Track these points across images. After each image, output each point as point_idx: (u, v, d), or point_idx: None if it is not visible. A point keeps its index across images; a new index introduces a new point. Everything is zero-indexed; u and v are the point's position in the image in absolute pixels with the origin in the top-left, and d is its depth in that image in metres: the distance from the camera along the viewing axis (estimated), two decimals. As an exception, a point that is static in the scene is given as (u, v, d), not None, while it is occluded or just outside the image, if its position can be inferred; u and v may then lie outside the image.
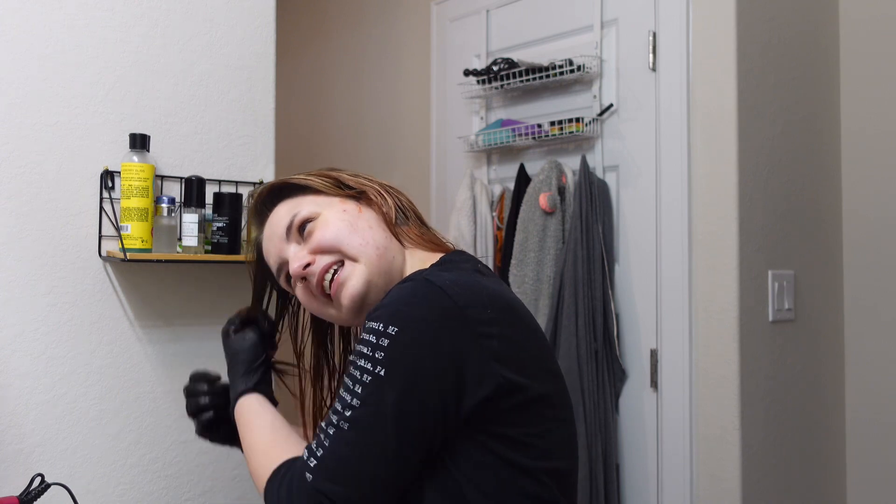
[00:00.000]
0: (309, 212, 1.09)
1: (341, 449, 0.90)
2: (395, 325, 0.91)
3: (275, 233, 1.12)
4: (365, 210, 1.11)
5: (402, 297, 0.94)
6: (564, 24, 2.28)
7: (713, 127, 1.92)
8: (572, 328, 2.02)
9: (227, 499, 1.73)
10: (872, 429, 2.11)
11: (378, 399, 0.90)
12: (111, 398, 1.59)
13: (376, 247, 1.07)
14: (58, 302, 1.53)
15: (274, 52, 1.82)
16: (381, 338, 0.91)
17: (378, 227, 1.09)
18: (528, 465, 0.96)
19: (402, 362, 0.90)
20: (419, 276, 0.98)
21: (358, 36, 3.08)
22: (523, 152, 2.36)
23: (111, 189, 1.57)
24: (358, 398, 0.90)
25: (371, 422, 0.90)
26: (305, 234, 1.09)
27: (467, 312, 0.92)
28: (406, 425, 0.90)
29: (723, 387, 1.88)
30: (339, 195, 1.12)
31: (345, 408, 0.91)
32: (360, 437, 0.90)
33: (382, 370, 0.90)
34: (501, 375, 0.92)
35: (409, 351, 0.90)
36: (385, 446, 0.90)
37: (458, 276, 0.98)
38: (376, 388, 0.90)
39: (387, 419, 0.89)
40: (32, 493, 1.25)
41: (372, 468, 0.90)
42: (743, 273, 1.88)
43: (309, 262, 1.06)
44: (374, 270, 1.06)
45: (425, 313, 0.92)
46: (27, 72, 1.51)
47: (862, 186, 2.15)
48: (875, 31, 2.14)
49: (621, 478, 2.08)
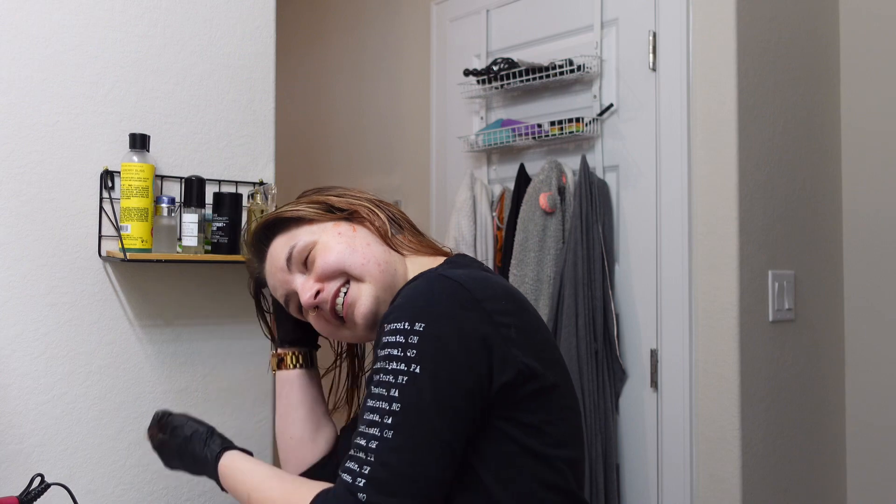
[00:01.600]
0: (305, 242, 1.12)
1: (390, 458, 0.88)
2: (420, 321, 0.92)
3: (276, 266, 1.14)
4: (359, 228, 1.13)
5: (420, 294, 0.96)
6: (564, 24, 2.28)
7: (713, 127, 1.92)
8: (572, 328, 2.02)
9: (228, 499, 1.72)
10: (872, 429, 2.11)
11: (417, 398, 0.90)
12: (111, 398, 1.59)
13: (377, 263, 1.09)
14: (58, 302, 1.53)
15: (274, 52, 1.82)
16: (410, 335, 0.92)
17: (375, 242, 1.12)
18: (545, 453, 0.98)
19: (436, 355, 0.91)
20: (431, 273, 1.00)
21: (358, 36, 3.08)
22: (523, 152, 2.36)
23: (111, 189, 1.57)
24: (396, 402, 0.90)
25: (415, 422, 0.89)
26: (308, 262, 1.11)
27: (484, 304, 0.95)
28: (450, 416, 0.90)
29: (723, 387, 1.88)
30: (332, 219, 1.15)
31: (383, 416, 0.90)
32: (407, 441, 0.89)
33: (417, 367, 0.90)
34: (521, 361, 0.95)
35: (441, 343, 0.92)
36: (433, 443, 0.89)
37: (469, 272, 1.01)
38: (413, 387, 0.90)
39: (431, 415, 0.89)
40: (32, 493, 1.24)
41: (425, 469, 0.89)
42: (743, 273, 1.88)
43: (318, 289, 1.09)
44: (379, 286, 1.09)
45: (447, 306, 0.94)
46: (27, 72, 1.51)
47: (862, 186, 2.15)
48: (875, 30, 2.14)
49: (621, 478, 2.08)
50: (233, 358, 1.74)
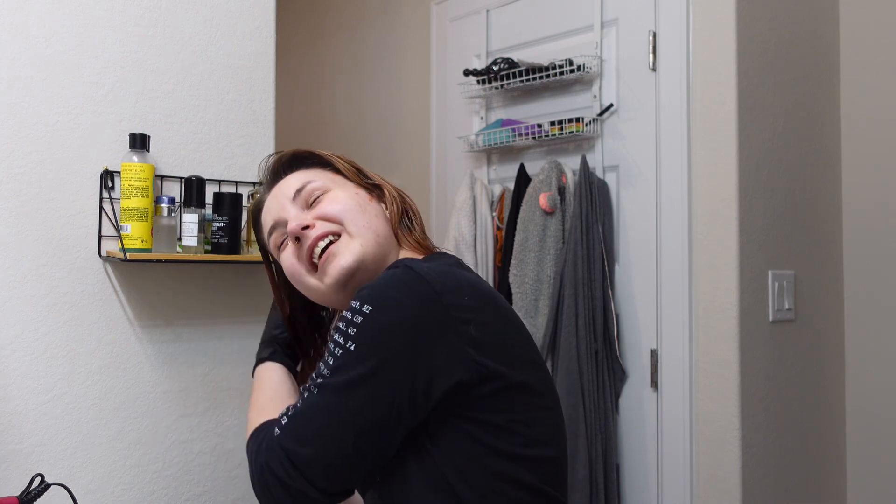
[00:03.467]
0: (322, 184, 1.12)
1: (309, 411, 0.93)
2: (370, 304, 0.93)
3: (282, 192, 1.13)
4: (375, 202, 1.14)
5: (383, 281, 0.97)
6: (564, 24, 2.28)
7: (713, 127, 1.92)
8: (572, 328, 2.02)
9: (227, 499, 1.73)
10: (872, 429, 2.11)
11: (347, 371, 0.92)
12: (111, 398, 1.59)
13: (376, 233, 1.10)
14: (58, 302, 1.53)
15: (274, 52, 1.82)
16: (356, 315, 0.93)
17: (384, 220, 1.12)
18: (515, 453, 0.97)
19: (373, 340, 0.92)
20: (399, 264, 1.00)
21: (358, 36, 3.08)
22: (523, 152, 2.36)
23: (111, 189, 1.57)
24: (328, 368, 0.93)
25: (338, 389, 0.92)
26: (313, 202, 1.11)
27: (444, 298, 0.94)
28: (372, 399, 0.91)
29: (723, 387, 1.88)
30: (356, 182, 1.16)
31: (318, 375, 0.94)
32: (326, 402, 0.92)
33: (353, 345, 0.92)
34: (476, 361, 0.94)
35: (382, 329, 0.93)
36: (348, 415, 0.91)
37: (438, 265, 1.01)
38: (346, 361, 0.92)
39: (354, 390, 0.91)
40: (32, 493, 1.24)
41: (334, 432, 0.91)
42: (743, 273, 1.88)
43: (308, 224, 1.08)
44: (368, 252, 1.08)
45: (402, 296, 0.94)
46: (27, 72, 1.51)
47: (862, 186, 2.15)
48: (875, 30, 2.14)
49: (621, 478, 2.08)
50: (233, 358, 1.74)
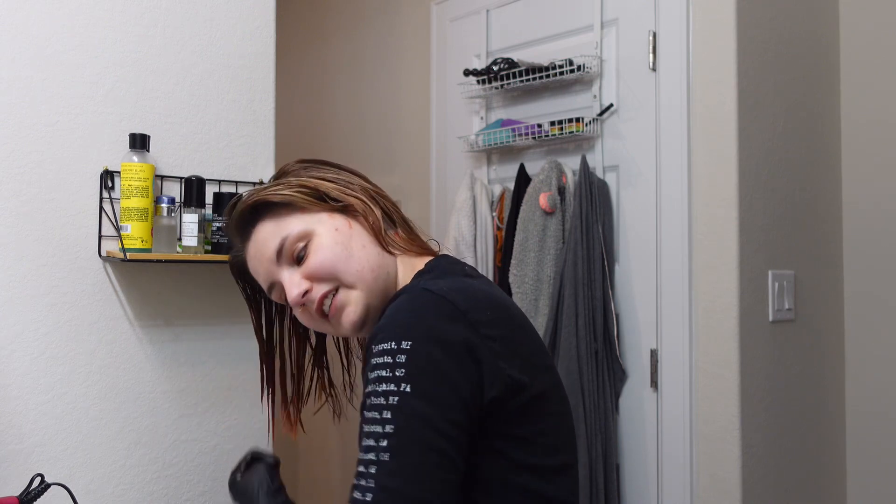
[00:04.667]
0: (299, 231, 1.05)
1: (390, 482, 0.86)
2: (407, 339, 0.90)
3: (263, 255, 1.08)
4: (354, 225, 1.07)
5: (404, 311, 0.93)
6: (564, 24, 2.28)
7: (713, 127, 1.92)
8: (572, 328, 2.02)
9: (227, 499, 1.73)
10: (873, 429, 2.11)
11: (410, 417, 0.87)
12: (111, 398, 1.59)
13: (371, 269, 1.05)
14: (58, 302, 1.53)
15: (274, 52, 1.82)
16: (398, 355, 0.89)
17: (370, 243, 1.07)
18: (538, 464, 0.96)
19: (425, 372, 0.88)
20: (414, 288, 0.97)
21: (358, 36, 3.08)
22: (523, 152, 2.36)
23: (111, 189, 1.57)
24: (389, 423, 0.87)
25: (409, 441, 0.86)
26: (298, 256, 1.06)
27: (469, 316, 0.92)
28: (446, 430, 0.88)
29: (723, 387, 1.88)
30: (325, 209, 1.07)
31: (378, 440, 0.87)
32: (404, 462, 0.86)
33: (408, 386, 0.88)
34: (508, 375, 0.93)
35: (430, 359, 0.89)
36: (430, 459, 0.87)
37: (452, 282, 0.98)
38: (405, 406, 0.87)
39: (426, 432, 0.87)
40: (32, 493, 1.24)
41: (425, 487, 0.86)
42: (743, 273, 1.88)
43: (307, 289, 1.05)
44: (371, 294, 1.05)
45: (433, 321, 0.91)
46: (27, 72, 1.51)
47: (862, 186, 2.15)
48: (875, 30, 2.14)
49: (621, 478, 2.08)
50: (233, 358, 1.74)
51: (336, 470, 3.13)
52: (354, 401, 1.21)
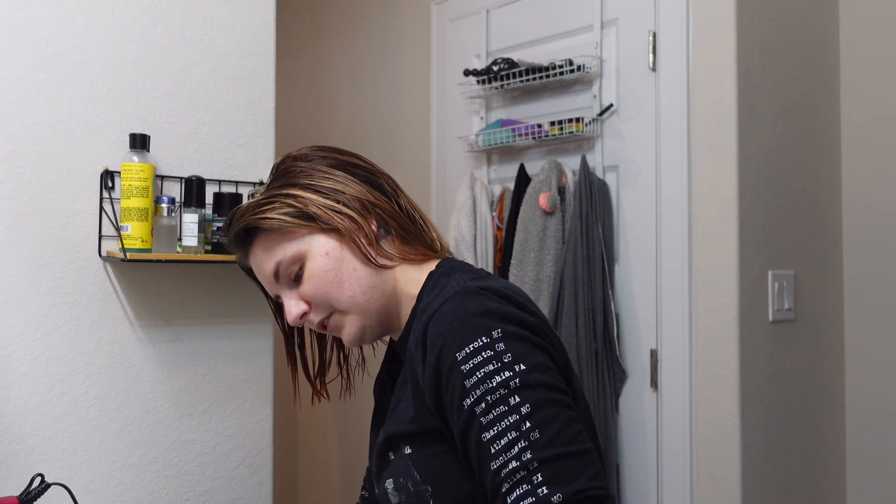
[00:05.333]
0: (292, 256, 1.06)
1: (551, 453, 0.85)
2: (493, 329, 0.91)
3: (262, 273, 1.10)
4: (345, 246, 1.06)
5: (470, 312, 0.93)
6: (564, 24, 2.28)
7: (713, 127, 1.92)
8: (572, 328, 2.02)
9: (227, 499, 1.73)
10: (872, 428, 2.11)
11: (536, 388, 0.88)
12: (111, 398, 1.59)
13: (364, 292, 1.06)
14: (58, 302, 1.53)
15: (274, 52, 1.82)
16: (497, 344, 0.90)
17: (361, 265, 1.06)
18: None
19: (526, 347, 0.91)
20: (462, 290, 0.97)
21: (358, 36, 3.08)
22: (523, 152, 2.36)
23: (111, 189, 1.57)
24: (525, 405, 0.87)
25: (550, 411, 0.87)
26: (295, 278, 1.07)
27: (523, 308, 0.97)
28: (562, 387, 0.91)
29: (723, 387, 1.88)
30: (316, 231, 1.06)
31: (519, 426, 0.86)
32: (552, 431, 0.86)
33: (520, 364, 0.89)
34: (563, 359, 0.99)
35: (523, 336, 0.92)
36: (568, 418, 0.88)
37: (491, 279, 1.02)
38: (529, 381, 0.88)
39: (554, 395, 0.89)
40: (32, 493, 1.24)
41: (576, 443, 0.87)
42: (743, 273, 1.88)
43: (305, 310, 1.08)
44: (365, 315, 1.07)
45: (506, 310, 0.94)
46: (27, 72, 1.51)
47: (862, 186, 2.15)
48: (875, 30, 2.14)
49: (621, 478, 2.08)
50: (233, 358, 1.74)
51: (336, 471, 3.13)
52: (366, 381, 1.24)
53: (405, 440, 1.00)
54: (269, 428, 1.79)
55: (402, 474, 1.00)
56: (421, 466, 0.98)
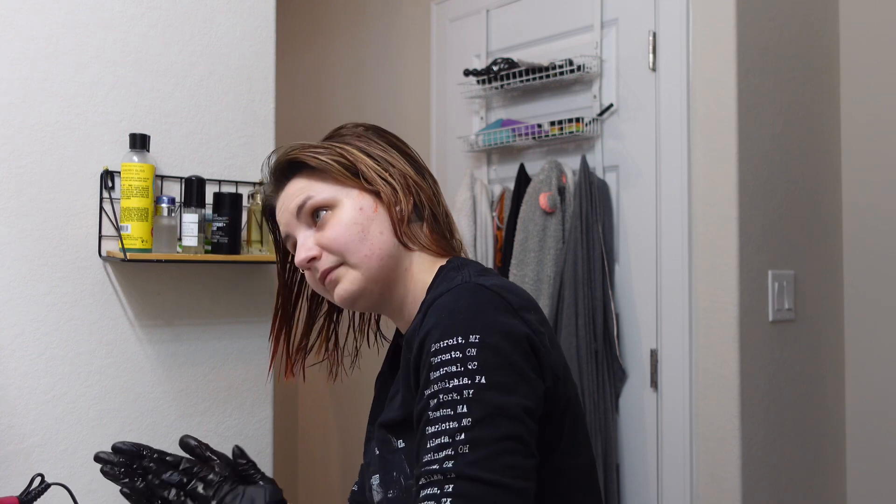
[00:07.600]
0: (323, 199, 1.08)
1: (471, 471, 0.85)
2: (474, 333, 0.90)
3: (287, 207, 1.11)
4: (380, 210, 1.08)
5: (462, 305, 0.94)
6: (564, 24, 2.28)
7: (713, 127, 1.92)
8: (572, 328, 2.02)
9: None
10: (872, 429, 2.11)
11: (486, 407, 0.87)
12: (111, 398, 1.59)
13: (380, 257, 1.06)
14: (58, 302, 1.53)
15: (274, 52, 1.82)
16: (468, 349, 0.89)
17: (389, 231, 1.08)
18: (562, 466, 0.98)
19: (498, 363, 0.89)
20: (462, 284, 0.97)
21: (358, 36, 3.08)
22: (523, 152, 2.36)
23: (111, 189, 1.57)
24: (467, 417, 0.86)
25: (488, 430, 0.86)
26: (317, 220, 1.08)
27: (521, 312, 0.95)
28: (523, 419, 0.88)
29: (723, 387, 1.88)
30: (358, 187, 1.09)
31: (455, 434, 0.86)
32: (484, 452, 0.85)
33: (482, 377, 0.87)
34: (554, 371, 0.95)
35: (500, 350, 0.90)
36: (508, 449, 0.86)
37: (497, 278, 1.01)
38: (482, 397, 0.87)
39: (504, 421, 0.87)
40: (32, 493, 1.24)
41: (504, 477, 0.85)
42: (743, 273, 1.88)
43: (315, 255, 1.07)
44: (370, 280, 1.06)
45: (494, 315, 0.92)
46: (27, 72, 1.51)
47: (862, 186, 2.15)
48: (875, 31, 2.14)
49: (621, 478, 2.08)
50: (233, 358, 1.74)
51: (336, 471, 3.13)
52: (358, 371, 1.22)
53: (396, 431, 1.01)
54: (269, 428, 1.79)
55: (395, 468, 1.00)
56: (412, 459, 0.98)
